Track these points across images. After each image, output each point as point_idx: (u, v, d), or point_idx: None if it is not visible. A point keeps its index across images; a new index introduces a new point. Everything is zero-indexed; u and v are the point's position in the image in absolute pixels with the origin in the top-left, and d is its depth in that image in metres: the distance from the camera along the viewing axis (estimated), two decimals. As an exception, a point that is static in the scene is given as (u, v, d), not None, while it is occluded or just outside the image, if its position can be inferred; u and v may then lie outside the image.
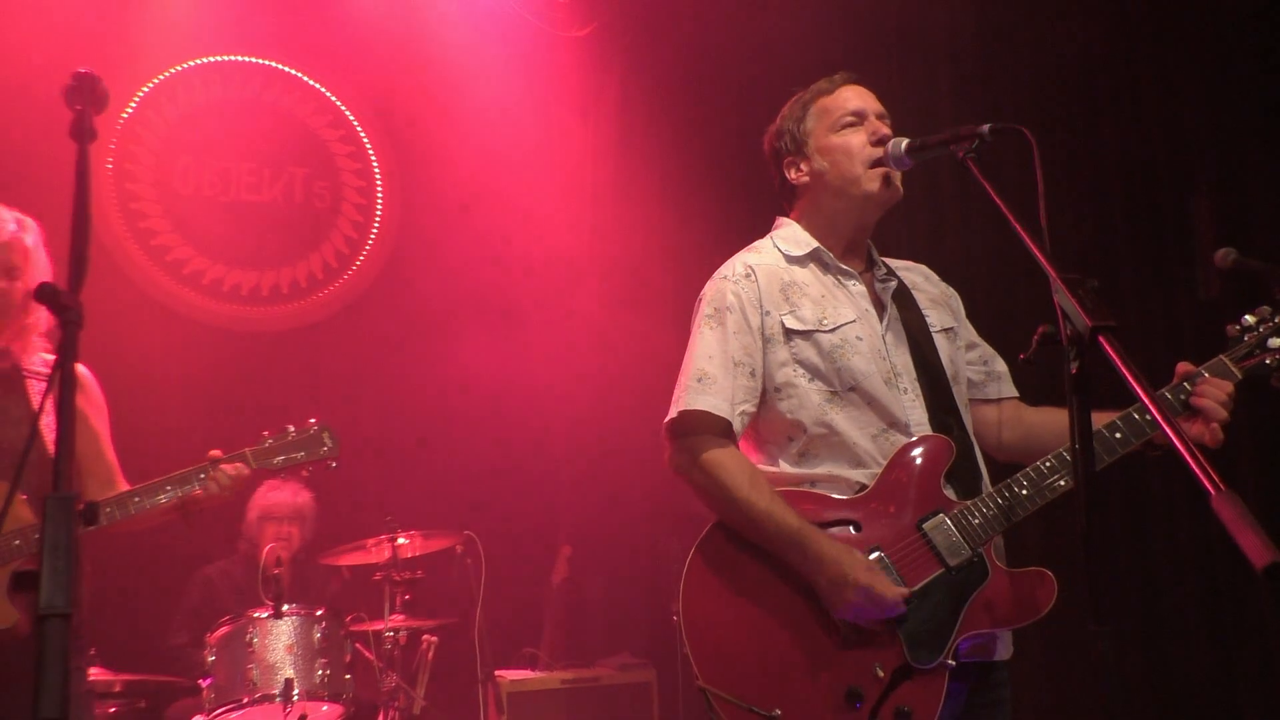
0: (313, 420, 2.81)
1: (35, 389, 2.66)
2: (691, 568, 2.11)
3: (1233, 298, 2.35)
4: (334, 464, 2.80)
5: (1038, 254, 1.66)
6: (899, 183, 2.24)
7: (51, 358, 2.72)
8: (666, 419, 2.19)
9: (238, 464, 2.66)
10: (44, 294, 1.42)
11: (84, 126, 1.61)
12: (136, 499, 2.56)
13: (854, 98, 2.30)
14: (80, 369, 2.68)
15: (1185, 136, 3.90)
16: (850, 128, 2.26)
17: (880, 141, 2.23)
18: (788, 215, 2.37)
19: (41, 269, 2.73)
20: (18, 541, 2.47)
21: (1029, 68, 4.43)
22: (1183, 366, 2.16)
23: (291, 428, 2.79)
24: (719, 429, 2.16)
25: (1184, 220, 3.85)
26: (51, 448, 2.41)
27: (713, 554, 2.11)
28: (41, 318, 2.74)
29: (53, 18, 4.72)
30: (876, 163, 2.22)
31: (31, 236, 2.72)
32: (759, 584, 2.08)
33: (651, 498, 4.94)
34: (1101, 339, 1.48)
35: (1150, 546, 4.18)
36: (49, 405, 2.54)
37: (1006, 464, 2.27)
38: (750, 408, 2.19)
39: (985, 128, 2.00)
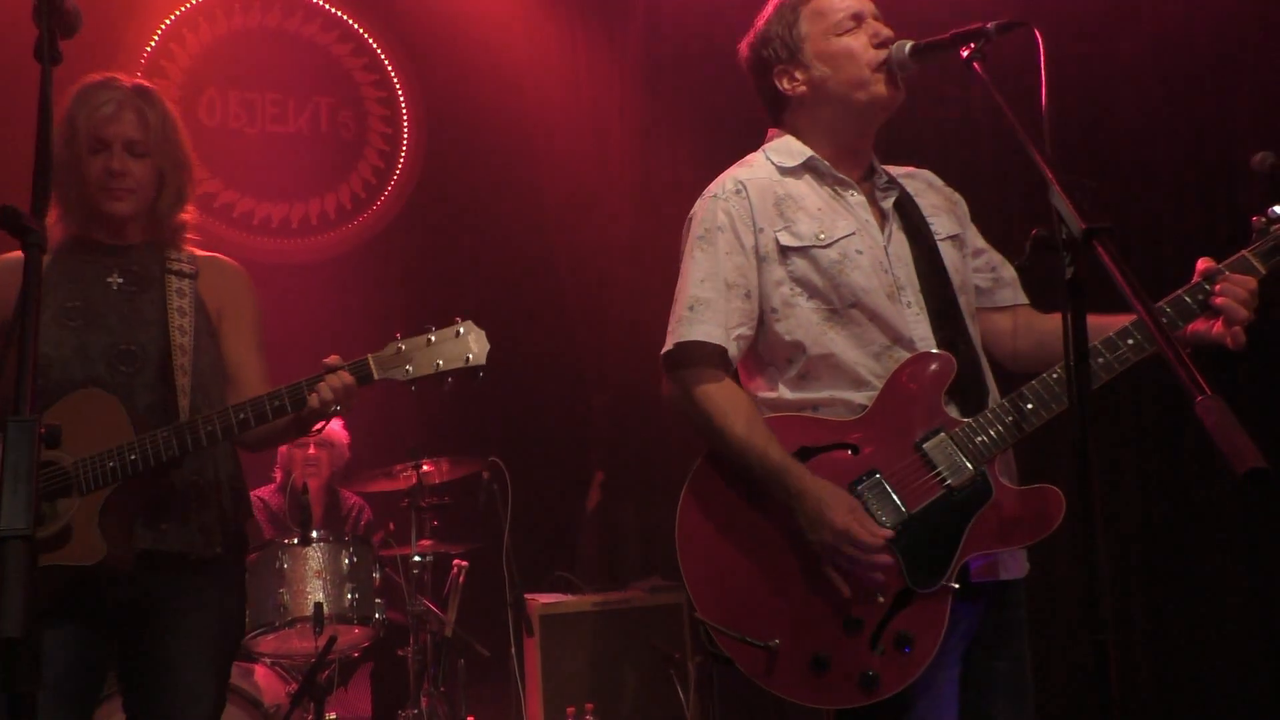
0: (458, 319, 2.27)
1: (174, 286, 2.37)
2: (685, 500, 2.06)
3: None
4: (481, 375, 2.26)
5: (1035, 154, 1.58)
6: (903, 85, 2.13)
7: (203, 255, 2.48)
8: (662, 351, 2.13)
9: (346, 377, 2.23)
10: (5, 216, 1.40)
11: (46, 47, 1.58)
12: (241, 415, 2.23)
13: None
14: (223, 260, 2.50)
15: (1226, 29, 3.71)
16: (849, 32, 2.13)
17: (883, 44, 2.11)
18: (779, 127, 2.26)
19: (175, 144, 2.41)
20: (112, 464, 2.19)
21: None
22: (1203, 263, 2.02)
23: (432, 329, 2.26)
24: (715, 358, 2.09)
25: (1224, 123, 3.68)
26: (180, 354, 2.28)
27: (706, 485, 2.07)
28: (184, 203, 2.44)
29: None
30: (881, 64, 2.11)
31: (156, 109, 2.38)
32: (753, 514, 2.03)
33: (683, 423, 4.92)
34: (1096, 242, 1.40)
35: (1150, 454, 4.06)
36: (186, 306, 2.34)
37: (1019, 375, 2.19)
38: (747, 331, 2.11)
39: (991, 25, 1.89)
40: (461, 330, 2.26)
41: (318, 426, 2.36)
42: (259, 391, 2.30)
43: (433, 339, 2.25)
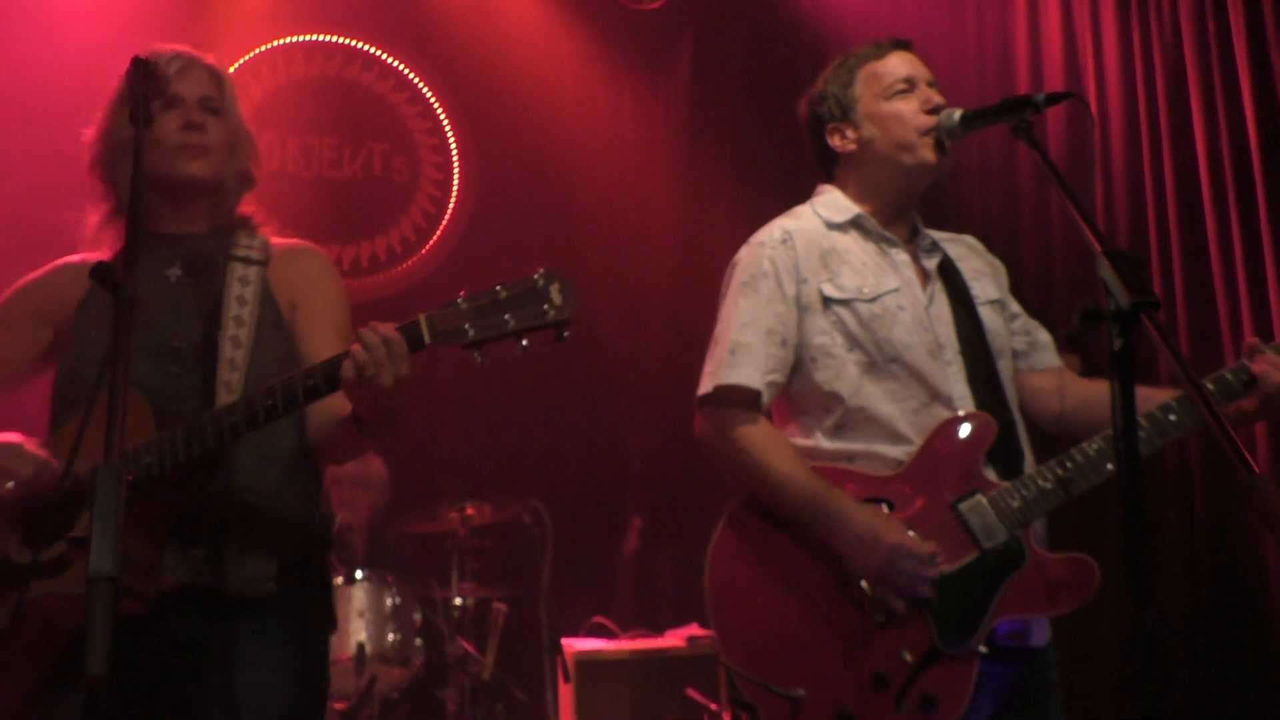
0: (539, 270, 1.78)
1: (238, 274, 2.02)
2: (717, 544, 2.09)
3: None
4: (565, 334, 1.77)
5: (1083, 226, 1.62)
6: (950, 152, 2.19)
7: (281, 242, 2.16)
8: (700, 392, 2.18)
9: (382, 327, 1.76)
10: (98, 272, 1.48)
11: (141, 110, 1.67)
12: (269, 401, 1.79)
13: (904, 64, 2.24)
14: (302, 246, 2.20)
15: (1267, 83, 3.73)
16: (901, 95, 2.20)
17: (934, 110, 2.17)
18: (829, 183, 2.33)
19: (240, 115, 2.13)
20: (149, 459, 1.79)
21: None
22: (1250, 341, 2.05)
23: (502, 285, 1.78)
24: (749, 401, 2.13)
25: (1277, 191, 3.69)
26: (230, 348, 1.92)
27: (740, 530, 2.10)
28: (249, 184, 2.16)
29: (136, 5, 4.87)
30: (929, 131, 2.16)
31: (224, 73, 2.13)
32: (786, 562, 2.05)
33: (716, 462, 4.93)
34: (1144, 316, 1.43)
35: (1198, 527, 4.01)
36: (248, 295, 1.99)
37: (1060, 438, 2.20)
38: (779, 378, 2.15)
39: (1040, 96, 1.94)
40: (541, 281, 1.77)
41: (375, 415, 1.82)
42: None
43: (503, 294, 1.77)
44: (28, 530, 1.83)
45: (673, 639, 4.61)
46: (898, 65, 2.24)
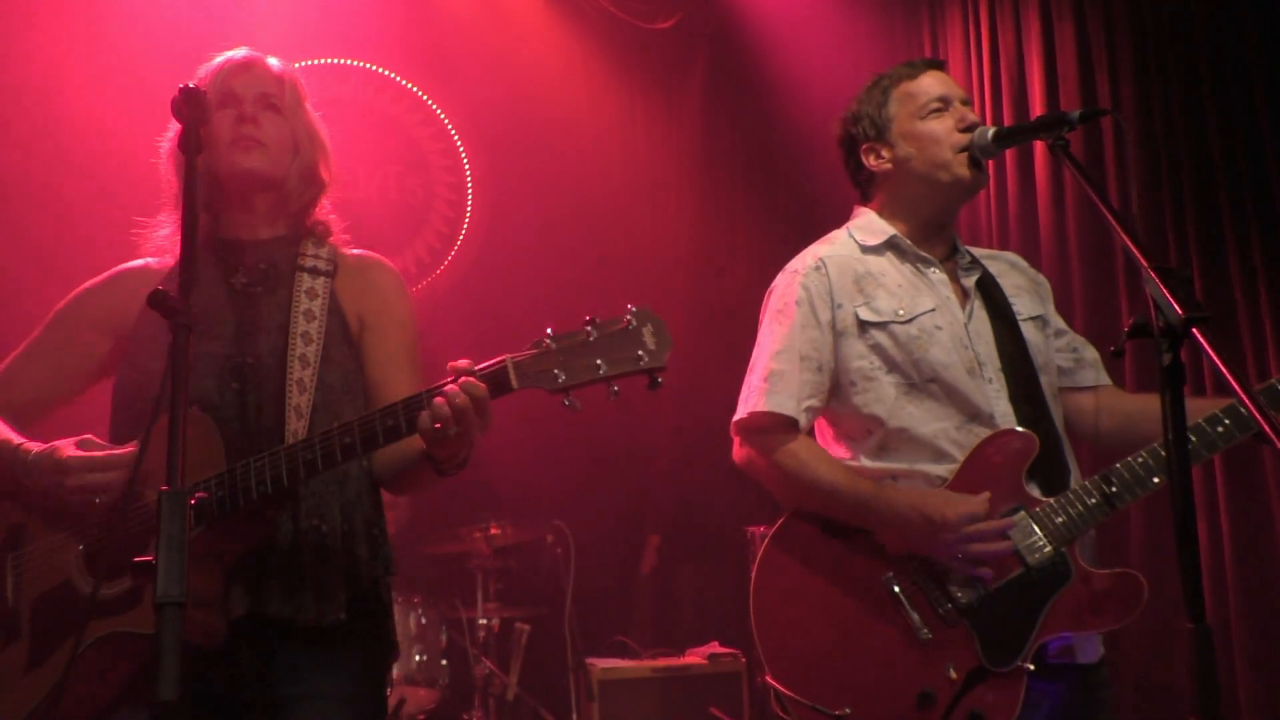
0: (630, 307, 1.71)
1: (305, 286, 1.96)
2: (763, 561, 2.10)
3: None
4: (659, 379, 1.69)
5: (1129, 243, 1.62)
6: (985, 170, 2.20)
7: (350, 253, 2.09)
8: (735, 418, 2.19)
9: (475, 386, 1.70)
10: (154, 299, 1.49)
11: (192, 139, 1.68)
12: (347, 439, 1.73)
13: (937, 83, 2.25)
14: (372, 259, 2.12)
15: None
16: (936, 114, 2.21)
17: (969, 128, 2.18)
18: (865, 204, 2.34)
19: (308, 114, 2.11)
20: (220, 494, 1.74)
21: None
22: None
23: (592, 323, 1.70)
24: (786, 427, 2.15)
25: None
26: (299, 367, 1.86)
27: (786, 548, 2.11)
28: (317, 186, 2.09)
29: (154, 29, 4.90)
30: (964, 149, 2.17)
31: (290, 75, 2.11)
32: (832, 581, 2.06)
33: (739, 487, 4.95)
34: (1195, 330, 1.44)
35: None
36: (316, 310, 1.93)
37: (1104, 456, 2.20)
38: (817, 403, 2.17)
39: (1074, 114, 1.95)
40: (633, 322, 1.69)
41: (452, 456, 1.79)
42: None
43: (593, 336, 1.69)
44: (89, 554, 1.82)
45: (695, 656, 4.60)
46: (931, 84, 2.25)
